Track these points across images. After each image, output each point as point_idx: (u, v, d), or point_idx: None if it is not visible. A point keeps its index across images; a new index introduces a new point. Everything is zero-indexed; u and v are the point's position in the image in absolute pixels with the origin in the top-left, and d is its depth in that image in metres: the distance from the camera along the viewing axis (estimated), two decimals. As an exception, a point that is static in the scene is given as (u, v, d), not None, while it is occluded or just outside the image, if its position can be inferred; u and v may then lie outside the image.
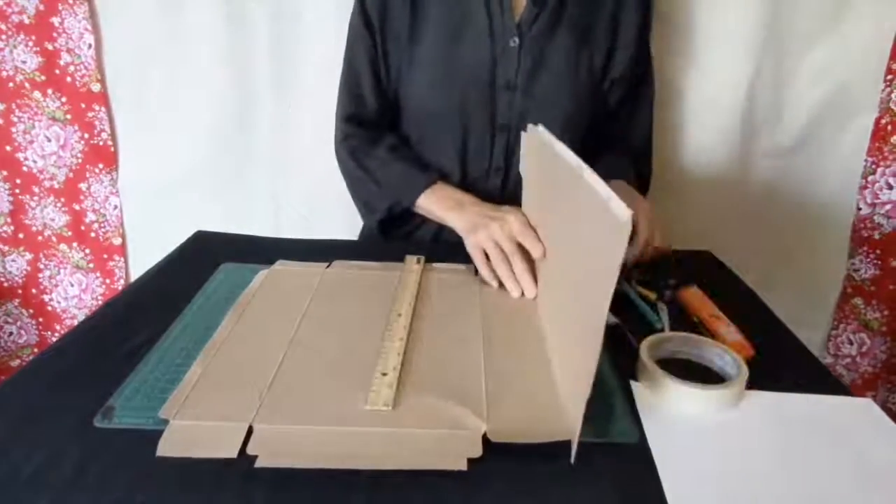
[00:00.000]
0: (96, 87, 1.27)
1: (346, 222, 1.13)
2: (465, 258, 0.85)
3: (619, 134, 1.08)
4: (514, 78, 0.95)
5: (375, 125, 1.02)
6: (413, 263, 0.84)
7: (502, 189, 1.01)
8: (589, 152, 1.04)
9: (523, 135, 0.88)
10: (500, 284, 0.79)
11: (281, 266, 0.84)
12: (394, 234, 1.05)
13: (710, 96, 1.23)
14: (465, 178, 1.01)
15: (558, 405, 0.56)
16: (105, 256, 1.41)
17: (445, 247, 0.91)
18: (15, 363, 1.50)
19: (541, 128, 0.78)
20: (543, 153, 0.75)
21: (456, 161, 1.00)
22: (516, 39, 0.94)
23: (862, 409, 0.59)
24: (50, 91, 1.27)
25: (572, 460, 0.50)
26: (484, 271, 0.80)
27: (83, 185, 1.35)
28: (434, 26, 0.96)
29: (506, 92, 0.96)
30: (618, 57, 1.00)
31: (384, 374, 0.60)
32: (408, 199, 0.96)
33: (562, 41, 0.96)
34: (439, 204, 0.93)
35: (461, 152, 0.99)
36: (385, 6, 0.96)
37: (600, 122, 1.04)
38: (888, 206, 1.28)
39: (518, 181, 1.00)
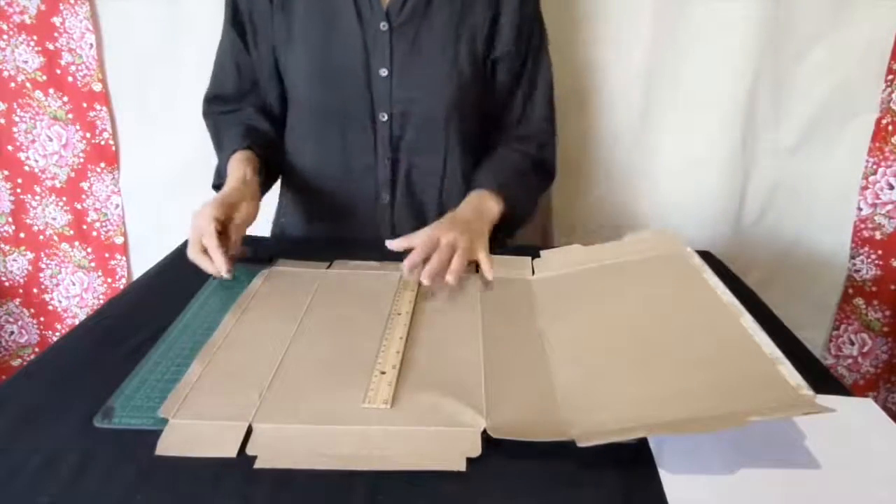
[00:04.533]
0: (98, 87, 1.27)
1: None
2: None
3: (517, 120, 1.02)
4: (388, 64, 0.92)
5: (234, 101, 1.02)
6: (413, 263, 0.84)
7: (392, 183, 0.98)
8: (487, 141, 1.02)
9: (648, 233, 0.85)
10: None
11: (281, 266, 0.84)
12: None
13: (710, 96, 1.23)
14: (349, 171, 0.99)
15: (556, 405, 0.56)
16: (107, 255, 1.42)
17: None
18: (16, 363, 1.50)
19: (689, 249, 0.78)
20: (679, 266, 0.75)
21: (338, 154, 0.98)
22: (385, 24, 0.91)
23: (862, 409, 0.59)
24: (51, 91, 1.28)
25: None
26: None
27: (85, 185, 1.36)
28: (304, 18, 0.93)
29: (382, 80, 0.93)
30: (502, 31, 0.94)
31: (383, 373, 0.60)
32: (223, 164, 0.93)
33: (437, 22, 0.92)
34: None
35: (342, 144, 0.97)
36: (252, 11, 0.95)
37: (496, 108, 1.01)
38: (889, 207, 1.28)
39: (411, 176, 0.98)
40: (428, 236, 0.79)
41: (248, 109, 1.01)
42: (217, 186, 0.99)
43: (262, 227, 0.99)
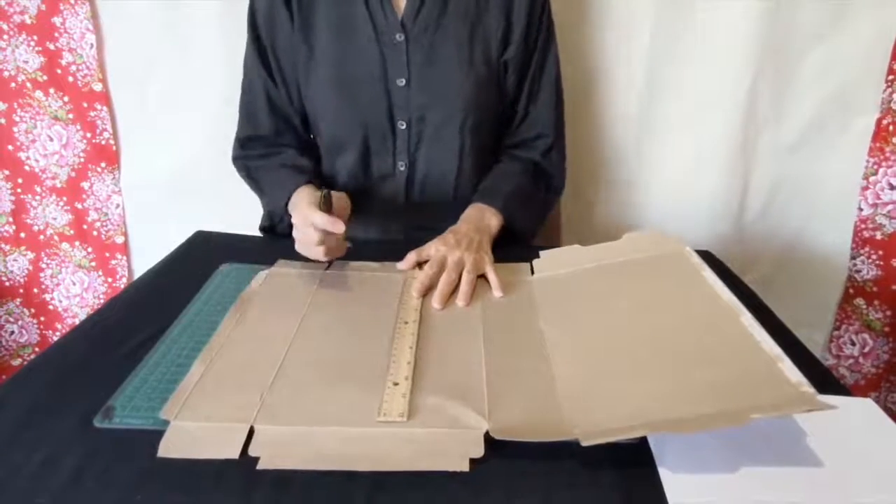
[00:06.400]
0: (98, 87, 1.27)
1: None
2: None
3: (521, 119, 1.02)
4: (406, 74, 0.94)
5: (272, 144, 1.01)
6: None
7: (407, 187, 1.00)
8: (494, 151, 1.03)
9: (647, 232, 0.85)
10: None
11: (281, 266, 0.84)
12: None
13: (711, 96, 1.23)
14: (368, 178, 1.00)
15: (558, 405, 0.56)
16: (107, 255, 1.42)
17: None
18: (16, 362, 1.50)
19: (688, 248, 0.78)
20: (678, 264, 0.76)
21: (359, 162, 0.99)
22: (401, 35, 0.93)
23: (862, 409, 0.59)
24: (52, 90, 1.28)
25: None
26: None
27: (85, 184, 1.36)
28: (323, 30, 0.94)
29: (400, 89, 0.94)
30: (513, 34, 0.96)
31: (396, 384, 0.59)
32: (279, 204, 0.91)
33: (452, 31, 0.94)
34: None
35: (363, 152, 0.98)
36: (273, 27, 0.95)
37: (509, 111, 1.02)
38: (890, 207, 1.28)
39: (426, 179, 0.99)
40: (436, 259, 0.81)
41: (289, 151, 0.99)
42: (265, 229, 1.02)
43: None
